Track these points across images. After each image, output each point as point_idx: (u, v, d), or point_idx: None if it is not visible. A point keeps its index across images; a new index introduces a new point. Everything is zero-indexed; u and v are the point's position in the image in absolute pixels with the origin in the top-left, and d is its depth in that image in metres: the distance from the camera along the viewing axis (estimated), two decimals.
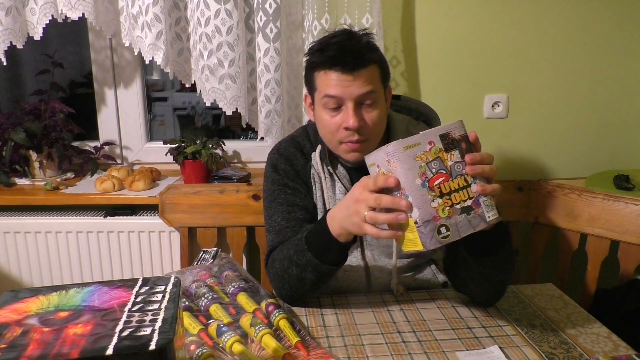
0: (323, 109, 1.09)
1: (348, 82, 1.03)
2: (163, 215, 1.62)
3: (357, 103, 1.05)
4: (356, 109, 1.05)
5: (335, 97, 1.05)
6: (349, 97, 1.04)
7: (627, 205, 1.46)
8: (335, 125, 1.07)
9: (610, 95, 1.86)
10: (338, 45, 1.05)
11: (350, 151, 1.09)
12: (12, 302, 0.57)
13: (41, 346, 0.48)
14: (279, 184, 1.18)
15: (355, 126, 1.04)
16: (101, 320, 0.53)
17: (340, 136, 1.08)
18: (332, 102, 1.06)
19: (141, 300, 0.58)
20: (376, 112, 1.07)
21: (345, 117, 1.05)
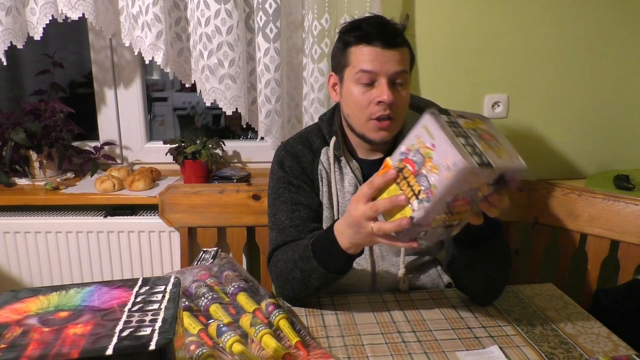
0: (355, 84, 1.10)
1: (385, 58, 1.07)
2: (163, 215, 1.62)
3: (390, 80, 1.08)
4: (390, 85, 1.08)
5: (371, 72, 1.07)
6: (385, 73, 1.07)
7: (627, 205, 1.46)
8: (366, 100, 1.09)
9: (610, 96, 1.86)
10: (377, 22, 1.10)
11: (378, 129, 1.11)
12: (12, 302, 0.57)
13: (41, 346, 0.48)
14: (284, 181, 1.19)
15: (390, 100, 1.06)
16: (101, 321, 0.53)
17: (372, 111, 1.09)
18: (366, 78, 1.08)
19: (141, 300, 0.58)
20: (405, 92, 1.11)
21: (379, 92, 1.08)
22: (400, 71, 1.08)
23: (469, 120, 0.80)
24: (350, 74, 1.11)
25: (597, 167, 1.87)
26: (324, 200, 1.19)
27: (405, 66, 1.10)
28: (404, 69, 1.09)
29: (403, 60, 1.09)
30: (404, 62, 1.09)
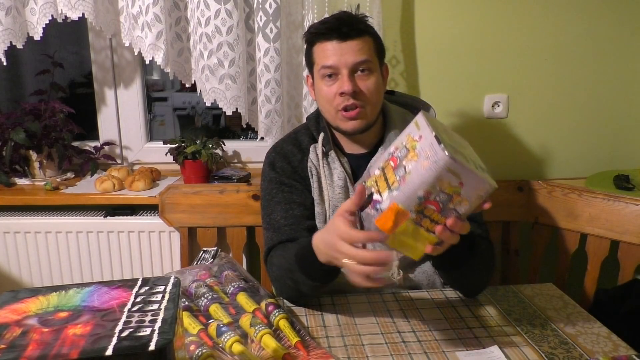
0: (321, 80, 1.15)
1: (342, 51, 1.10)
2: (163, 215, 1.62)
3: (351, 71, 1.11)
4: (350, 76, 1.11)
5: (331, 66, 1.12)
6: (344, 65, 1.11)
7: (627, 205, 1.46)
8: (332, 93, 1.13)
9: (610, 95, 1.86)
10: (333, 17, 1.14)
11: (347, 119, 1.14)
12: (12, 303, 0.57)
13: (41, 346, 0.48)
14: (277, 182, 1.20)
15: (349, 89, 1.10)
16: (101, 321, 0.53)
17: (337, 103, 1.13)
18: (329, 72, 1.13)
19: (141, 300, 0.58)
20: (371, 80, 1.13)
21: (340, 84, 1.12)
22: (361, 61, 1.11)
23: (456, 137, 0.82)
24: (317, 72, 1.16)
25: (597, 167, 1.87)
26: (315, 196, 1.20)
27: (366, 55, 1.12)
28: (364, 59, 1.11)
29: (363, 50, 1.11)
30: (364, 51, 1.11)
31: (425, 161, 0.73)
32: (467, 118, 1.84)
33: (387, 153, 0.82)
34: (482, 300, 1.10)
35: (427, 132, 0.75)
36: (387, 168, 0.79)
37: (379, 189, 0.80)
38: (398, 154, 0.78)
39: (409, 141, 0.77)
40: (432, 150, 0.72)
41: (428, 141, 0.73)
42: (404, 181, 0.75)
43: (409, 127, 0.80)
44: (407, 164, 0.76)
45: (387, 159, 0.81)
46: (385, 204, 0.77)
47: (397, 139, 0.82)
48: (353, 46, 1.11)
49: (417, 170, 0.74)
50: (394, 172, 0.77)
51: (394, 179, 0.77)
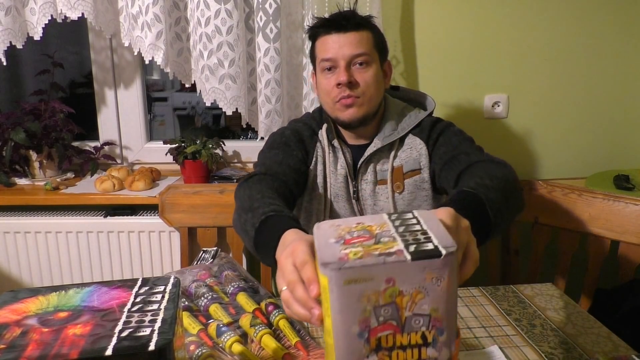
0: (321, 73, 1.19)
1: (341, 43, 1.14)
2: (163, 215, 1.62)
3: (348, 63, 1.15)
4: (347, 68, 1.15)
5: (330, 59, 1.15)
6: (342, 57, 1.14)
7: (627, 205, 1.46)
8: (330, 85, 1.17)
9: (610, 95, 1.86)
10: (334, 14, 1.18)
11: (344, 108, 1.17)
12: (12, 303, 0.56)
13: (40, 347, 0.48)
14: (281, 142, 1.24)
15: (344, 80, 1.13)
16: (100, 321, 0.53)
17: (334, 94, 1.16)
18: (328, 64, 1.16)
19: (141, 300, 0.58)
20: (368, 73, 1.16)
21: (337, 75, 1.15)
22: (358, 53, 1.14)
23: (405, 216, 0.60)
24: (318, 65, 1.20)
25: (597, 167, 1.87)
26: (318, 179, 1.24)
27: (364, 48, 1.15)
28: (362, 52, 1.14)
29: (361, 43, 1.14)
30: (362, 44, 1.14)
31: (330, 296, 0.53)
32: (467, 118, 1.84)
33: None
34: (482, 300, 1.10)
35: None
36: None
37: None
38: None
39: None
40: (322, 271, 0.53)
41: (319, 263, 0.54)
42: (337, 341, 0.54)
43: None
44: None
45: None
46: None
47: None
48: (351, 39, 1.14)
49: (332, 312, 0.54)
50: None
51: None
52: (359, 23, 1.16)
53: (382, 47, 1.22)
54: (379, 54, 1.19)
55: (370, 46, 1.16)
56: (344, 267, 0.52)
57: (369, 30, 1.17)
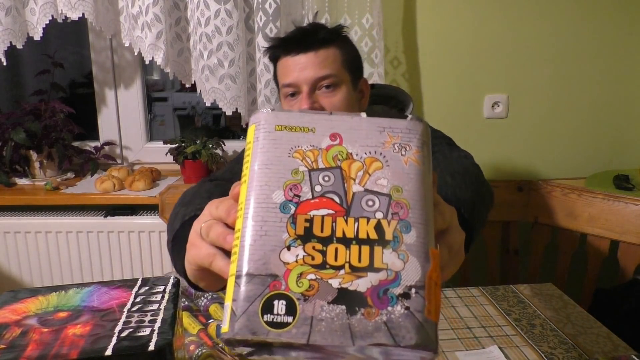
0: (284, 99, 1.05)
1: (302, 65, 1.00)
2: (163, 215, 1.62)
3: (312, 87, 1.00)
4: (310, 94, 1.00)
5: (291, 84, 1.01)
6: (304, 81, 1.00)
7: (627, 205, 1.46)
8: None
9: (610, 95, 1.86)
10: (295, 30, 1.04)
11: None
12: (12, 303, 0.57)
13: (40, 347, 0.48)
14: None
15: (306, 108, 0.98)
16: (100, 321, 0.53)
17: None
18: (290, 90, 1.03)
19: (140, 300, 0.58)
20: (337, 97, 1.01)
21: (298, 104, 1.01)
22: (322, 76, 1.00)
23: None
24: (281, 91, 1.06)
25: (597, 167, 1.87)
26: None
27: (330, 69, 1.00)
28: (327, 73, 0.99)
29: (326, 62, 0.99)
30: (327, 64, 1.00)
31: (257, 145, 0.40)
32: (467, 118, 1.84)
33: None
34: (482, 300, 1.10)
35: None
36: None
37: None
38: None
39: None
40: (257, 128, 0.41)
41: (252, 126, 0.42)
42: (249, 212, 0.39)
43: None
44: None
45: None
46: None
47: None
48: (314, 59, 0.99)
49: (252, 170, 0.40)
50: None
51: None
52: (323, 39, 1.00)
53: (354, 65, 1.06)
54: (349, 73, 1.04)
55: (338, 65, 1.01)
56: (279, 109, 0.41)
57: (336, 46, 1.02)
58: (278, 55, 1.05)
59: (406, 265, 0.36)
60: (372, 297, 0.35)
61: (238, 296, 0.36)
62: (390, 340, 0.34)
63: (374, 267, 0.36)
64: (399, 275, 0.36)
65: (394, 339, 0.35)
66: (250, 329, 0.34)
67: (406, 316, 0.35)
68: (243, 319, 0.35)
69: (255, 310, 0.35)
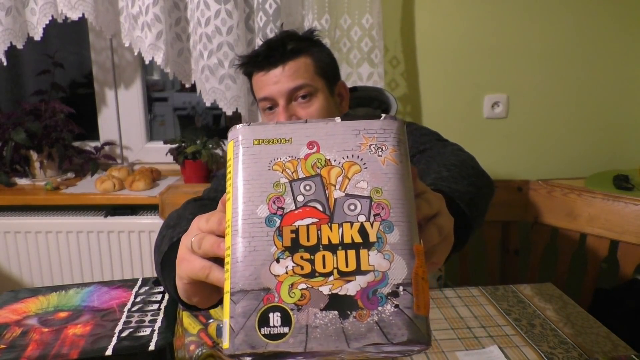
0: (263, 113, 1.06)
1: (275, 78, 1.00)
2: (163, 215, 1.62)
3: (288, 99, 1.01)
4: (287, 106, 1.00)
5: (267, 98, 1.02)
6: (279, 95, 1.00)
7: (627, 205, 1.46)
8: None
9: (610, 95, 1.86)
10: (263, 44, 1.04)
11: None
12: (12, 303, 0.57)
13: (40, 347, 0.48)
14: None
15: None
16: (101, 321, 0.53)
17: None
18: (267, 104, 1.03)
19: (141, 300, 0.58)
20: (314, 107, 1.01)
21: (277, 117, 1.01)
22: (297, 86, 1.00)
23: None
24: (259, 105, 1.07)
25: (596, 167, 1.86)
26: None
27: (303, 78, 1.00)
28: (301, 83, 1.00)
29: (298, 73, 1.00)
30: (299, 74, 1.00)
31: (236, 162, 0.42)
32: (467, 118, 1.84)
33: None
34: (482, 300, 1.10)
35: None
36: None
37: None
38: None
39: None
40: (235, 144, 0.42)
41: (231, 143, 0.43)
42: (238, 230, 0.39)
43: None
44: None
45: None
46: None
47: None
48: (285, 71, 0.99)
49: (235, 187, 0.42)
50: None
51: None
52: (292, 50, 1.00)
53: (329, 70, 1.05)
54: (324, 79, 1.03)
55: (311, 74, 1.01)
56: (255, 124, 0.41)
57: (307, 54, 1.01)
58: (250, 71, 1.06)
59: (392, 264, 0.37)
60: (362, 299, 0.37)
61: (234, 313, 0.37)
62: (383, 339, 0.36)
63: (361, 270, 0.37)
64: (386, 275, 0.37)
65: (387, 337, 0.36)
66: (250, 344, 0.36)
67: (396, 314, 0.36)
68: (242, 335, 0.36)
69: (252, 324, 0.36)
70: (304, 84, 1.00)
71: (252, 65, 1.04)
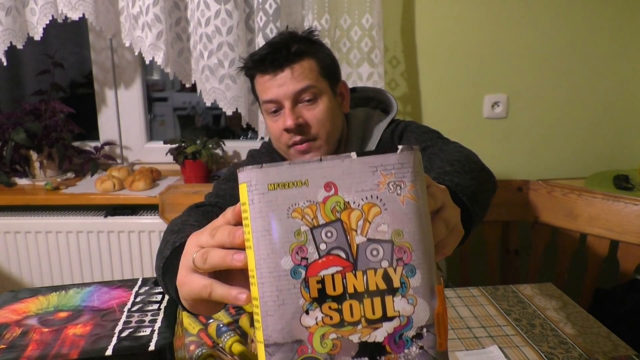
0: (267, 116, 1.05)
1: (281, 81, 1.00)
2: (163, 215, 1.62)
3: (294, 101, 1.01)
4: (293, 108, 1.01)
5: (272, 100, 1.01)
6: (284, 97, 1.00)
7: (627, 205, 1.46)
8: (278, 130, 1.03)
9: (609, 95, 1.86)
10: (266, 46, 1.02)
11: (300, 154, 1.03)
12: (12, 303, 0.57)
13: (40, 347, 0.48)
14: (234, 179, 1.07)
15: (291, 125, 0.99)
16: (101, 321, 0.53)
17: (285, 140, 1.03)
18: (272, 106, 1.02)
19: (141, 300, 0.58)
20: (319, 108, 1.02)
21: (283, 120, 1.01)
22: (302, 89, 1.00)
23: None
24: (262, 107, 1.06)
25: (596, 167, 1.87)
26: None
27: (309, 80, 1.00)
28: (305, 85, 1.00)
29: (302, 76, 1.00)
30: (305, 75, 1.00)
31: (252, 212, 0.40)
32: (467, 118, 1.84)
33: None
34: (482, 300, 1.10)
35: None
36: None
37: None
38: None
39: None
40: (250, 189, 0.40)
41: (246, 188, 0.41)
42: (263, 283, 0.40)
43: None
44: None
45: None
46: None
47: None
48: (290, 74, 0.99)
49: (254, 241, 0.40)
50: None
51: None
52: (296, 52, 0.99)
53: (331, 70, 1.06)
54: (327, 80, 1.04)
55: (316, 75, 1.01)
56: (267, 165, 0.39)
57: (310, 56, 1.01)
58: (254, 73, 1.05)
59: (416, 308, 0.39)
60: (390, 344, 0.39)
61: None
62: None
63: (387, 316, 0.39)
64: (410, 319, 0.39)
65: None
66: None
67: (421, 355, 0.39)
68: None
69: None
70: (309, 86, 1.00)
71: (256, 68, 1.03)
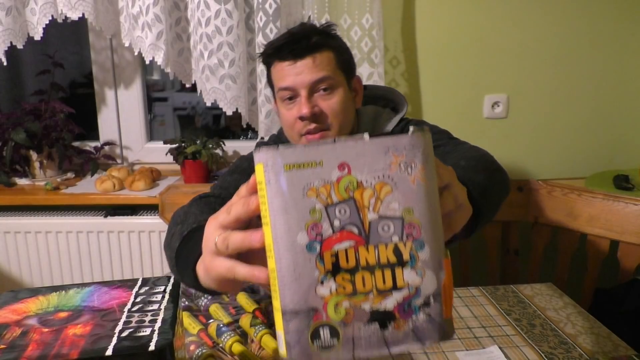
0: (281, 103, 1.06)
1: (299, 70, 1.01)
2: (163, 215, 1.62)
3: (310, 91, 1.02)
4: (309, 97, 1.02)
5: (288, 88, 1.02)
6: (301, 85, 1.01)
7: (627, 205, 1.46)
8: (292, 117, 1.04)
9: (610, 95, 1.86)
10: (286, 35, 1.03)
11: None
12: (12, 303, 0.57)
13: (40, 347, 0.48)
14: (248, 167, 1.10)
15: (307, 113, 1.00)
16: (101, 321, 0.53)
17: (298, 128, 1.04)
18: (287, 94, 1.04)
19: (141, 300, 0.58)
20: (335, 99, 1.03)
21: (298, 108, 1.02)
22: (319, 79, 1.01)
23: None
24: (277, 94, 1.07)
25: (596, 167, 1.87)
26: None
27: (326, 71, 1.02)
28: (323, 76, 1.01)
29: (322, 65, 1.01)
30: (323, 67, 1.01)
31: (270, 191, 0.43)
32: (467, 118, 1.84)
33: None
34: (482, 300, 1.10)
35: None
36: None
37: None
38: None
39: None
40: (267, 170, 0.43)
41: (263, 169, 0.44)
42: (281, 258, 0.43)
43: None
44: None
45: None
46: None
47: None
48: (309, 63, 1.01)
49: (272, 217, 0.43)
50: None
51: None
52: (316, 44, 1.01)
53: (348, 65, 1.08)
54: (344, 73, 1.05)
55: (333, 67, 1.03)
56: (284, 146, 0.42)
57: (329, 48, 1.03)
58: (272, 61, 1.06)
59: (424, 279, 0.42)
60: (399, 311, 0.43)
61: (288, 329, 0.43)
62: (418, 343, 0.43)
63: (397, 286, 0.43)
64: (419, 289, 0.43)
65: (421, 340, 0.43)
66: (306, 355, 0.43)
67: (428, 321, 0.43)
68: (298, 348, 0.43)
69: (306, 339, 0.42)
70: (326, 76, 1.01)
71: (275, 55, 1.04)
